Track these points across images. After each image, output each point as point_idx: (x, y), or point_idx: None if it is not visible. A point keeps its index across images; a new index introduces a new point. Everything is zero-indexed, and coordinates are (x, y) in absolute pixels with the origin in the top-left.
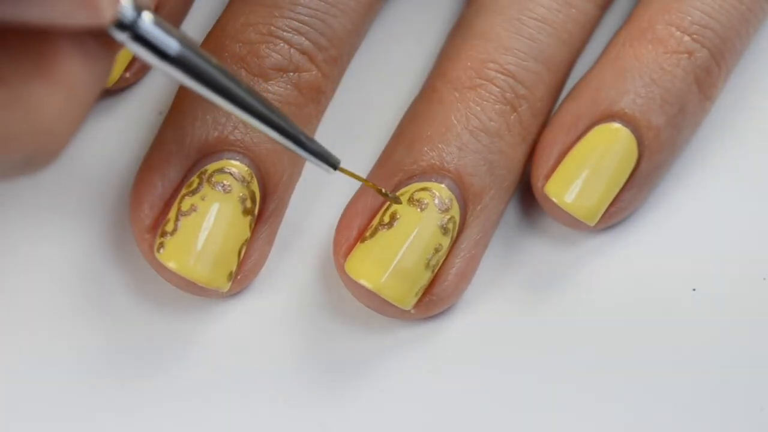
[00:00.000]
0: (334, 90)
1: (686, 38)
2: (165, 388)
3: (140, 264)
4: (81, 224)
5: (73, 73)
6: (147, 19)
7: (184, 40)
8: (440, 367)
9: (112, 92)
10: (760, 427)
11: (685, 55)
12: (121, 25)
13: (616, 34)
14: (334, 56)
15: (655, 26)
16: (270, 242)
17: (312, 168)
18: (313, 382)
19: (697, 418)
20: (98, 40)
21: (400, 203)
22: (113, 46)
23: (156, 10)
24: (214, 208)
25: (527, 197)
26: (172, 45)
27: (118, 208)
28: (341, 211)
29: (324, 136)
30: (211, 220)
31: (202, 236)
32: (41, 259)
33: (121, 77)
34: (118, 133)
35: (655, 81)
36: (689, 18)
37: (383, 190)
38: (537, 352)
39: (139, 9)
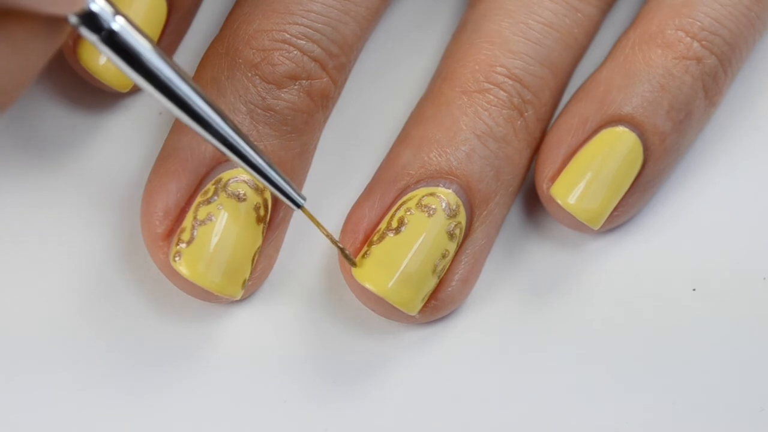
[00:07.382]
0: (339, 95)
1: (696, 44)
2: (170, 392)
3: (142, 265)
4: (81, 224)
5: (27, 39)
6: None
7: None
8: (444, 370)
9: (124, 96)
10: (760, 427)
11: (694, 62)
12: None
13: (624, 35)
14: (343, 63)
15: (665, 30)
16: (277, 248)
17: (316, 171)
18: (319, 386)
19: (697, 418)
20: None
21: (355, 265)
22: (65, 21)
23: (170, 11)
24: (231, 216)
25: (530, 200)
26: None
27: (117, 208)
28: (346, 214)
29: (327, 138)
30: (228, 229)
31: (220, 245)
32: (41, 260)
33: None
34: (117, 133)
35: (663, 87)
36: (699, 23)
37: (339, 244)
38: (540, 353)
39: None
